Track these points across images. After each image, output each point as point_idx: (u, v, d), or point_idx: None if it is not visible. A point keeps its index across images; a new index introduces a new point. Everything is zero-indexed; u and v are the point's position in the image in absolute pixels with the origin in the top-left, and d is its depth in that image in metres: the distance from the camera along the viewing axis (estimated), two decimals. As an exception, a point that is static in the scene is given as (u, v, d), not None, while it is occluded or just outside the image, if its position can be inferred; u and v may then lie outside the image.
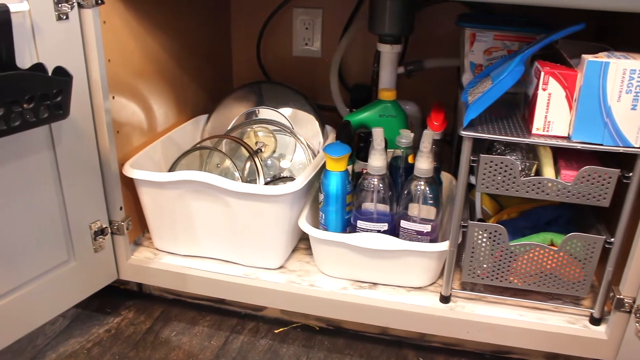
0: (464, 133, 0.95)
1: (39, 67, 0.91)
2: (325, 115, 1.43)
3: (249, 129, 1.34)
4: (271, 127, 1.34)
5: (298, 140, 1.31)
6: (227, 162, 1.28)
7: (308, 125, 1.36)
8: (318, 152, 1.33)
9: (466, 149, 0.97)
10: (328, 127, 1.37)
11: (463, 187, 1.00)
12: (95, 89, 1.06)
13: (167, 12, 1.28)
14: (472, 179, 1.01)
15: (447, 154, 1.38)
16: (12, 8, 0.87)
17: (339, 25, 1.55)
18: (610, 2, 0.85)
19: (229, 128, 1.38)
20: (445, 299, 1.10)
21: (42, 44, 0.95)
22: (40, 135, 0.99)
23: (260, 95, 1.41)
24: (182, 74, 1.39)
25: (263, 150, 1.31)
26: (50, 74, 0.90)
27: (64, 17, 0.98)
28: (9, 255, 1.00)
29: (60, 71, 0.90)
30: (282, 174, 1.32)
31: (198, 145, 1.30)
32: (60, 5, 0.97)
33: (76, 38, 1.01)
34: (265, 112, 1.39)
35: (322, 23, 1.56)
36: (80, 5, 1.00)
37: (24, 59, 0.93)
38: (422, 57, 1.42)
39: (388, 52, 1.30)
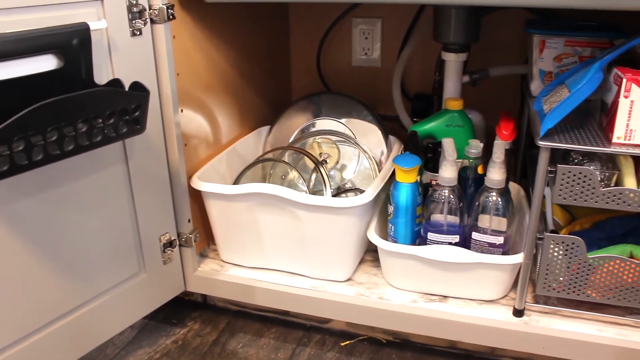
0: (541, 143, 0.93)
1: (115, 83, 0.92)
2: (385, 125, 1.41)
3: (311, 140, 1.34)
4: (334, 138, 1.33)
5: (362, 151, 1.30)
6: (291, 175, 1.28)
7: (370, 136, 1.35)
8: (381, 162, 1.31)
9: (543, 159, 0.94)
10: (392, 138, 1.35)
11: (539, 199, 0.98)
12: (165, 103, 1.07)
13: (230, 25, 1.29)
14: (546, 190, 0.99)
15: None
16: (92, 26, 0.89)
17: (398, 35, 1.54)
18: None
19: (291, 139, 1.38)
20: (519, 313, 1.07)
21: (117, 59, 0.97)
22: (115, 149, 1.01)
23: (321, 106, 1.41)
24: (245, 86, 1.39)
25: (327, 161, 1.30)
26: (126, 89, 0.92)
27: (138, 33, 0.99)
28: (83, 267, 1.01)
29: (137, 86, 0.91)
30: (346, 185, 1.31)
31: (264, 157, 1.30)
32: (134, 21, 0.98)
33: (149, 53, 1.02)
34: (326, 123, 1.39)
35: (382, 32, 1.55)
36: (152, 21, 1.01)
37: (101, 75, 0.94)
38: (483, 65, 1.40)
39: (453, 61, 1.29)
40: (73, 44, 0.87)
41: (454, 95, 1.32)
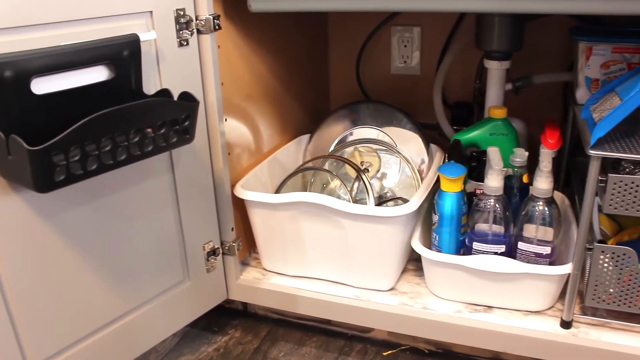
0: (592, 152, 0.91)
1: (164, 93, 0.93)
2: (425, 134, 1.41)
3: (352, 149, 1.34)
4: (375, 147, 1.33)
5: (404, 160, 1.29)
6: (333, 184, 1.28)
7: (411, 144, 1.35)
8: (422, 171, 1.31)
9: (594, 168, 0.93)
10: (433, 146, 1.35)
11: (589, 208, 0.96)
12: (211, 112, 1.08)
13: (271, 34, 1.29)
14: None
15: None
16: (142, 37, 0.90)
17: (437, 42, 1.53)
18: None
19: (331, 148, 1.38)
20: (566, 324, 1.06)
21: (164, 70, 0.98)
22: (162, 158, 1.02)
23: (361, 115, 1.40)
24: (285, 94, 1.40)
25: (369, 170, 1.30)
26: (174, 99, 0.92)
27: (185, 44, 1.00)
28: (131, 275, 1.02)
29: (186, 96, 0.92)
30: (387, 194, 1.30)
31: (306, 166, 1.31)
32: (181, 32, 0.99)
33: (195, 63, 1.03)
34: (364, 132, 1.38)
35: (421, 40, 1.54)
36: (199, 32, 1.02)
37: (149, 85, 0.96)
38: (524, 72, 1.38)
39: (496, 69, 1.27)
40: (124, 55, 0.88)
41: (497, 103, 1.31)
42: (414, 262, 1.25)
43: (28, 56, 0.77)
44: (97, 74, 0.87)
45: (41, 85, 0.80)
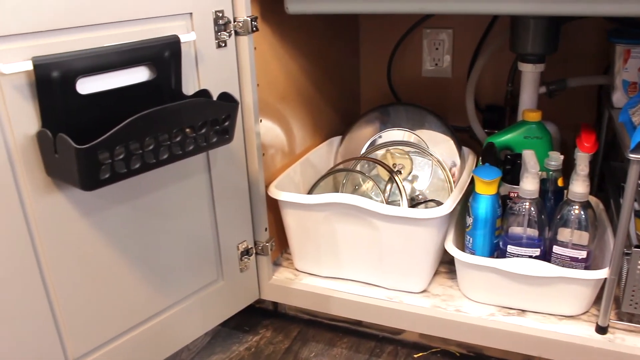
0: (632, 156, 0.90)
1: (203, 93, 0.94)
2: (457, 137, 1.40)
3: (384, 151, 1.34)
4: (406, 149, 1.33)
5: (437, 162, 1.29)
6: (365, 186, 1.28)
7: (442, 147, 1.34)
8: (453, 174, 1.30)
9: (633, 172, 0.92)
10: (465, 149, 1.34)
11: (628, 213, 0.95)
12: (247, 113, 1.09)
13: (305, 36, 1.30)
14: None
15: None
16: (182, 38, 0.91)
17: (469, 45, 1.53)
18: None
19: (363, 150, 1.38)
20: (602, 330, 1.05)
21: (203, 70, 0.99)
22: (199, 158, 1.03)
23: (393, 117, 1.40)
24: (318, 96, 1.41)
25: (402, 172, 1.30)
26: (214, 99, 0.94)
27: (223, 45, 1.01)
28: (167, 273, 1.04)
29: (226, 97, 0.93)
30: (419, 196, 1.30)
31: (339, 168, 1.31)
32: (219, 33, 1.00)
33: (232, 64, 1.05)
34: (394, 134, 1.38)
35: (453, 43, 1.54)
36: (237, 33, 1.03)
37: (188, 86, 0.97)
38: (557, 75, 1.37)
39: (530, 72, 1.27)
40: (165, 55, 0.90)
41: (530, 106, 1.30)
42: (445, 265, 1.25)
43: (74, 57, 0.79)
44: (139, 75, 0.88)
45: (86, 85, 0.82)
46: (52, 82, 0.77)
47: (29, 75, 0.76)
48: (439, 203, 1.23)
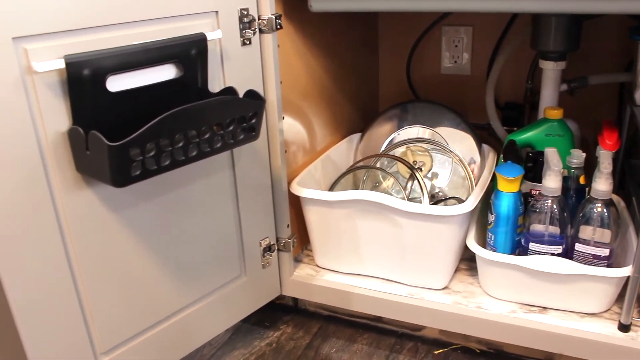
0: (657, 154, 0.91)
1: (229, 91, 0.95)
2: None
3: (404, 148, 1.34)
4: (426, 146, 1.33)
5: (458, 160, 1.29)
6: (385, 183, 1.29)
7: (462, 144, 1.35)
8: (472, 171, 1.31)
9: (658, 170, 0.92)
10: (485, 147, 1.35)
11: (652, 210, 0.95)
12: (270, 110, 1.10)
13: (326, 34, 1.31)
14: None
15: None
16: (208, 36, 0.92)
17: (489, 43, 1.53)
18: None
19: (383, 147, 1.39)
20: (624, 328, 1.05)
21: (228, 68, 1.00)
22: (223, 155, 1.04)
23: (412, 114, 1.41)
24: (338, 93, 1.41)
25: (422, 169, 1.30)
26: (240, 97, 0.94)
27: (248, 43, 1.02)
28: (191, 269, 1.05)
29: (252, 94, 0.94)
30: (439, 194, 1.31)
31: (360, 165, 1.32)
32: (244, 31, 1.01)
33: (257, 62, 1.05)
34: (413, 131, 1.39)
35: (472, 40, 1.54)
36: (261, 31, 1.04)
37: (213, 83, 0.98)
38: (578, 73, 1.37)
39: (551, 70, 1.27)
40: (191, 53, 0.91)
41: (551, 104, 1.30)
42: (465, 262, 1.26)
43: (104, 55, 0.80)
44: (167, 72, 0.89)
45: (115, 83, 0.83)
46: (83, 80, 0.78)
47: (60, 73, 0.78)
48: (459, 200, 1.24)
